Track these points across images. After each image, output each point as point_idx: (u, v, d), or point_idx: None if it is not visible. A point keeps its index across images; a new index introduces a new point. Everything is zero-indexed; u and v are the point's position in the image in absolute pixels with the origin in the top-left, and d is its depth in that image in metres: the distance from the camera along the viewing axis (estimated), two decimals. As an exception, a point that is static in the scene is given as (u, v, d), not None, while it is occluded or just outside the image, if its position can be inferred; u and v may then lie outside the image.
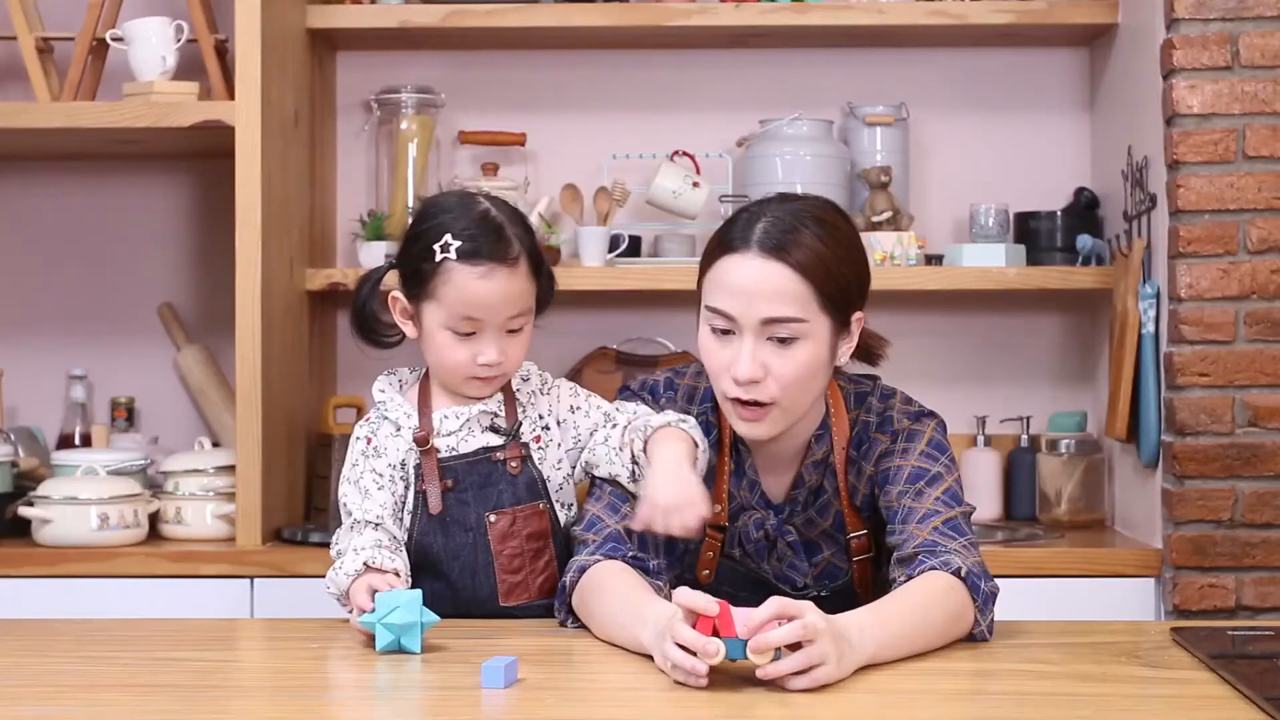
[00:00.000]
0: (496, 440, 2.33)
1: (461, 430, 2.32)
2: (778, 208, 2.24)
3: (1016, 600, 2.41)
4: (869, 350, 2.38)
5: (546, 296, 2.34)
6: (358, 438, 2.36)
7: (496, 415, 2.33)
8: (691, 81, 3.73)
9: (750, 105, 3.68)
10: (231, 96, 3.27)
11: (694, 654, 1.88)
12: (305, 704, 1.88)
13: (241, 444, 3.20)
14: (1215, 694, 1.87)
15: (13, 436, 3.48)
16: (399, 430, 2.33)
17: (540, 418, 2.35)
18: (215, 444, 3.46)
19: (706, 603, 1.90)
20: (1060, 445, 3.49)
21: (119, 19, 3.43)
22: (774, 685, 1.89)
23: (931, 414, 2.34)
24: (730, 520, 2.35)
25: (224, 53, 3.41)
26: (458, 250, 2.24)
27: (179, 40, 3.38)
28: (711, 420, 2.34)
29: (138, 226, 3.75)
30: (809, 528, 2.34)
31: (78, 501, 3.20)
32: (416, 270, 2.28)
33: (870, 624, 2.00)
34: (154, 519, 3.31)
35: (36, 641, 2.23)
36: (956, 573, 2.13)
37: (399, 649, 2.07)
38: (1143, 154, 3.26)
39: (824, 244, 2.19)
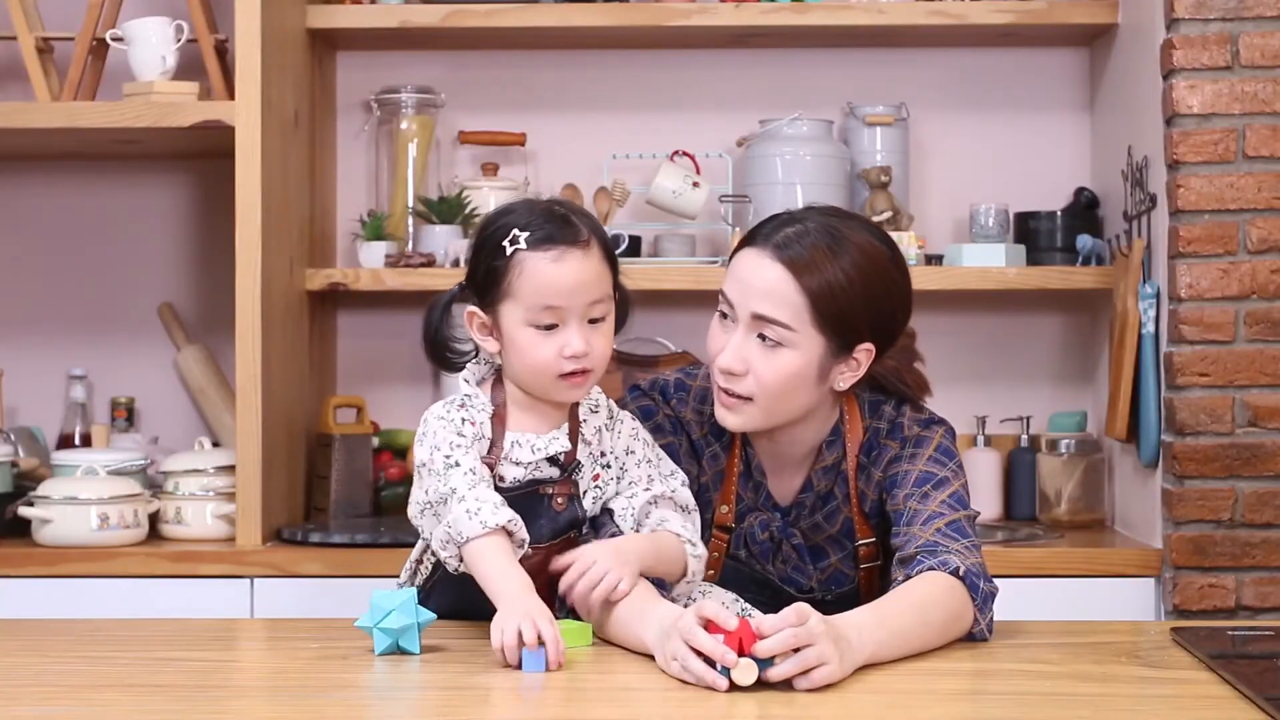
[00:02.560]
0: (552, 473, 2.24)
1: (532, 464, 2.22)
2: (816, 218, 2.25)
3: (1016, 600, 2.41)
4: (905, 393, 2.36)
5: (621, 315, 2.26)
6: (458, 418, 2.20)
7: (564, 450, 2.23)
8: (691, 81, 3.73)
9: (750, 105, 3.68)
10: (231, 96, 3.27)
11: (710, 661, 1.89)
12: (305, 704, 1.88)
13: (241, 444, 3.20)
14: (1215, 694, 1.87)
15: (13, 436, 3.48)
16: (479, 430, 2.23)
17: (602, 455, 2.26)
18: (215, 444, 3.46)
19: (728, 618, 1.91)
20: (1060, 445, 3.49)
21: (119, 19, 3.43)
22: (777, 684, 1.89)
23: (941, 421, 2.35)
24: (737, 521, 2.35)
25: (224, 53, 3.41)
26: (527, 240, 2.16)
27: (179, 40, 3.38)
28: None
29: (138, 226, 3.75)
30: (815, 532, 2.34)
31: (78, 501, 3.20)
32: (489, 272, 2.19)
33: (869, 624, 2.01)
34: (154, 519, 3.31)
35: (36, 641, 2.23)
36: (955, 572, 2.14)
37: (398, 650, 2.07)
38: (1143, 154, 3.26)
39: (839, 265, 2.19)
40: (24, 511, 3.22)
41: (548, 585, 2.20)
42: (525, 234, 2.17)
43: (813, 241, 2.20)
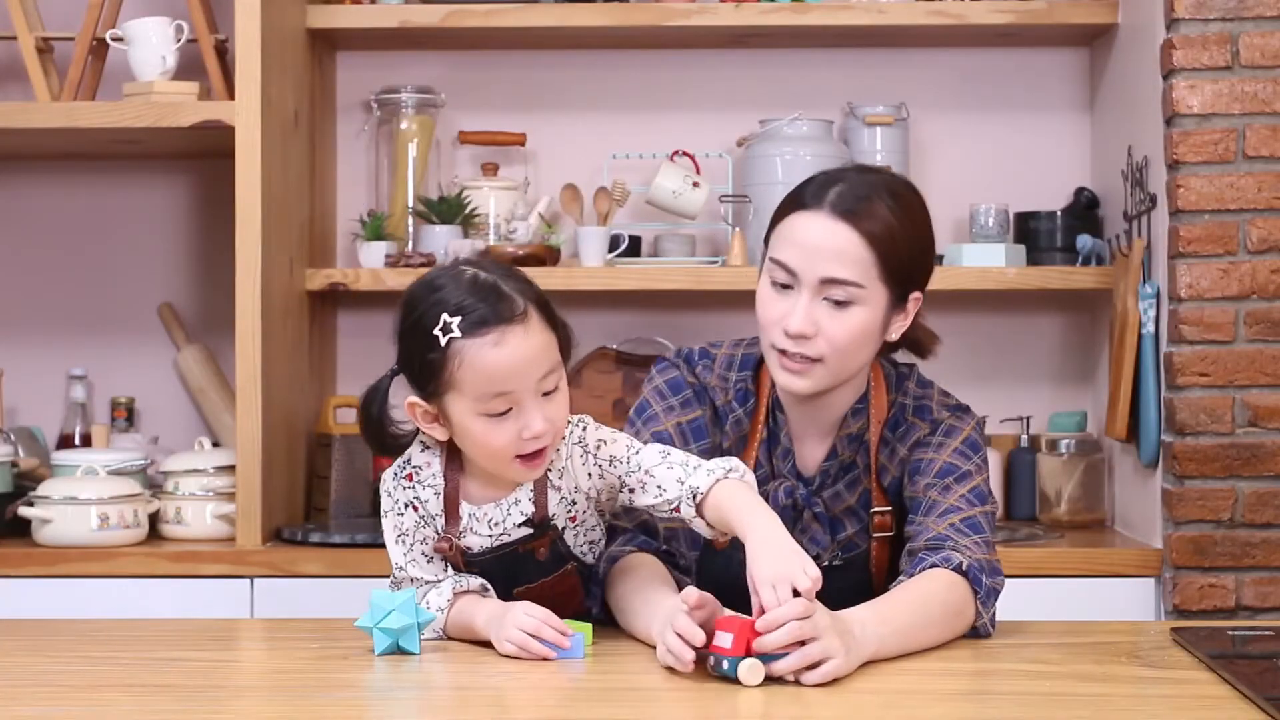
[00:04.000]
0: (523, 533, 2.15)
1: (494, 534, 2.15)
2: (855, 176, 2.27)
3: (1016, 600, 2.41)
4: (919, 343, 2.40)
5: (565, 348, 2.13)
6: (402, 502, 2.16)
7: (530, 511, 2.15)
8: (691, 81, 3.73)
9: (750, 105, 3.68)
10: (231, 96, 3.27)
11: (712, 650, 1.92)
12: (305, 704, 1.88)
13: (241, 444, 3.20)
14: (1215, 694, 1.87)
15: (13, 436, 3.48)
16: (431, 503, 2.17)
17: (570, 492, 2.17)
18: (215, 444, 3.46)
19: (709, 604, 1.94)
20: (1060, 445, 3.49)
21: (119, 19, 3.43)
22: (780, 682, 1.89)
23: (970, 410, 2.36)
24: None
25: (224, 53, 3.41)
26: (461, 325, 2.03)
27: (179, 40, 3.38)
28: (750, 388, 2.34)
29: (138, 226, 3.75)
30: (835, 502, 2.34)
31: (78, 501, 3.20)
32: (424, 365, 2.06)
33: (871, 620, 2.02)
34: (154, 519, 3.31)
35: (36, 641, 2.23)
36: (958, 568, 2.15)
37: (398, 650, 2.07)
38: (1143, 154, 3.26)
39: (894, 217, 2.22)
40: (24, 511, 3.22)
41: (549, 607, 2.18)
42: (457, 319, 2.03)
43: (865, 194, 2.22)
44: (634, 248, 3.60)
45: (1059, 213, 3.56)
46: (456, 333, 2.03)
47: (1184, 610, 3.05)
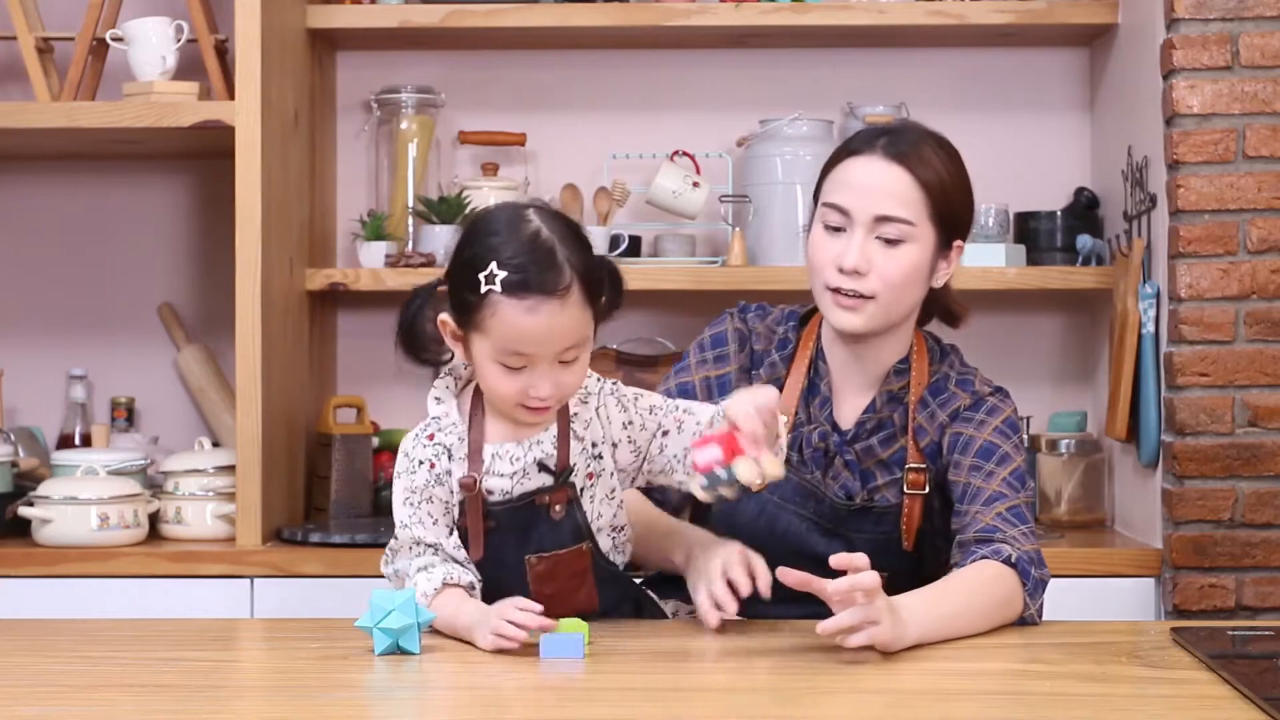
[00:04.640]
0: (546, 481, 2.19)
1: (517, 474, 2.18)
2: (901, 126, 2.42)
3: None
4: (950, 311, 2.49)
5: (614, 304, 2.18)
6: (418, 460, 2.21)
7: (551, 456, 2.19)
8: (691, 81, 3.73)
9: (750, 105, 3.68)
10: (231, 96, 3.27)
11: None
12: (305, 704, 1.88)
13: (241, 444, 3.20)
14: (1215, 694, 1.87)
15: (13, 436, 3.48)
16: (452, 456, 2.20)
17: (594, 445, 2.21)
18: (215, 444, 3.46)
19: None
20: (1060, 445, 3.49)
21: (119, 19, 3.43)
22: (777, 684, 1.89)
23: (1010, 395, 2.44)
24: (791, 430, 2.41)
25: (224, 53, 3.41)
26: (503, 282, 2.08)
27: (179, 40, 3.38)
28: (790, 338, 2.44)
29: (138, 226, 3.75)
30: (867, 455, 2.40)
31: (78, 501, 3.20)
32: (462, 299, 2.13)
33: (916, 605, 2.09)
34: (154, 519, 3.31)
35: (36, 641, 2.23)
36: (1007, 560, 2.22)
37: (398, 650, 2.07)
38: (1143, 154, 3.26)
39: (941, 162, 2.35)
40: (24, 511, 3.22)
41: (561, 591, 2.19)
42: (502, 274, 2.08)
43: (914, 140, 2.35)
44: (634, 248, 3.60)
45: (1059, 213, 3.56)
46: (496, 287, 2.09)
47: (1184, 610, 3.05)
